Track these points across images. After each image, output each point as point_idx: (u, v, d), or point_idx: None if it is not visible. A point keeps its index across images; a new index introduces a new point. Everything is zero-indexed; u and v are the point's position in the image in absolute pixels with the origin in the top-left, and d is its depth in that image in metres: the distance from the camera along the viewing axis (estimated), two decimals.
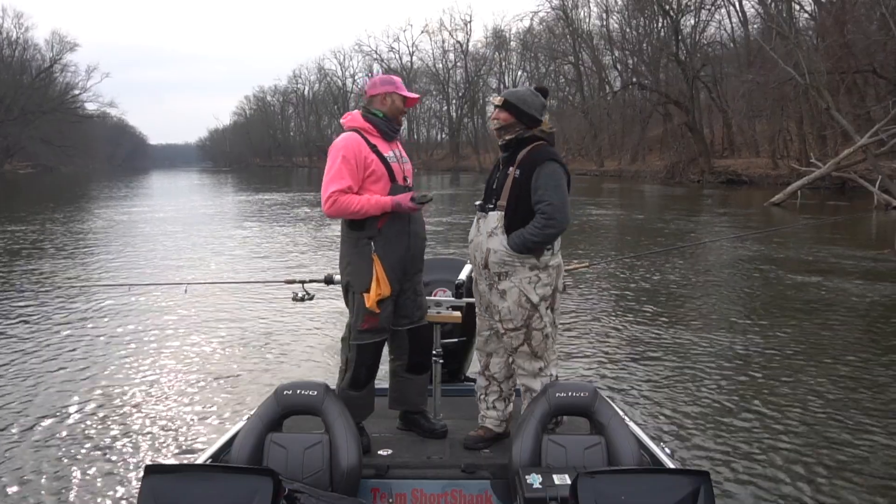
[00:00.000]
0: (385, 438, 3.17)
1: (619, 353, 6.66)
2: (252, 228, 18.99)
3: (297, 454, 2.68)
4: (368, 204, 2.97)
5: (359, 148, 3.01)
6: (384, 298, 3.00)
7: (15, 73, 75.94)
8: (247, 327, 7.66)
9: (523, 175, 2.96)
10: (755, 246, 13.88)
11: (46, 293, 9.28)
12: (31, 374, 6.02)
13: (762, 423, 4.85)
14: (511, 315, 2.98)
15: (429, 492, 2.85)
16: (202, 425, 4.94)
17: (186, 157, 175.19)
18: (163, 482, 2.18)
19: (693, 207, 24.99)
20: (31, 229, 17.82)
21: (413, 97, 3.15)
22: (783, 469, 4.16)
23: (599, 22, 57.55)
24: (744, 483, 3.99)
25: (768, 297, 9.31)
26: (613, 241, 16.34)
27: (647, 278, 10.67)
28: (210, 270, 11.64)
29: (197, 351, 6.83)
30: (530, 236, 2.92)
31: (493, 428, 3.17)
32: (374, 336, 3.05)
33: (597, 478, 2.21)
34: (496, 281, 3.00)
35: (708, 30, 47.46)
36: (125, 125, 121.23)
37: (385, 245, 3.02)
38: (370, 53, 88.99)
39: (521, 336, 2.99)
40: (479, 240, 3.05)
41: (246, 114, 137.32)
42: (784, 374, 5.93)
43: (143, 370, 6.19)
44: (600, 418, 2.74)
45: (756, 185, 35.18)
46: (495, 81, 75.39)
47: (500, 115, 3.04)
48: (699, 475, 2.21)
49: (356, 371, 3.06)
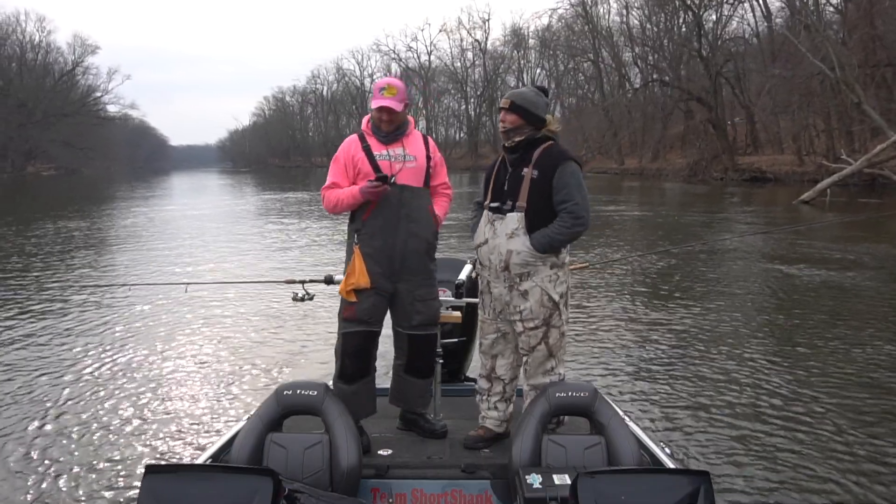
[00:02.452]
0: (385, 438, 3.17)
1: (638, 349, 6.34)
2: (289, 224, 19.38)
3: (297, 454, 2.68)
4: (343, 195, 3.11)
5: (349, 149, 3.17)
6: (361, 290, 3.04)
7: (38, 76, 76.95)
8: (246, 327, 7.56)
9: (542, 175, 2.97)
10: (787, 246, 13.43)
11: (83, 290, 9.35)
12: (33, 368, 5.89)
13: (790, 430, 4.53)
14: (533, 314, 3.00)
15: (429, 492, 2.85)
16: (201, 425, 4.85)
17: (206, 158, 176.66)
18: (163, 482, 2.18)
19: (716, 205, 24.47)
20: (70, 226, 17.92)
21: (376, 104, 3.10)
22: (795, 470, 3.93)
23: (619, 18, 57.18)
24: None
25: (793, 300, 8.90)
26: (634, 238, 15.92)
27: (667, 279, 10.28)
28: (263, 266, 11.89)
29: (197, 350, 6.75)
30: (557, 235, 2.94)
31: (494, 428, 3.17)
32: (355, 326, 3.07)
33: (597, 478, 2.20)
34: (517, 282, 3.00)
35: (730, 25, 46.79)
36: (146, 127, 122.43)
37: (367, 237, 3.09)
38: (388, 53, 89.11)
39: (539, 335, 3.02)
40: (495, 242, 3.03)
41: (265, 114, 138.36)
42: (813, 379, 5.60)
43: (142, 370, 6.09)
44: (600, 418, 2.74)
45: (781, 182, 34.54)
46: (513, 80, 75.06)
47: (508, 117, 3.04)
48: (699, 475, 2.20)
49: (342, 361, 3.11)
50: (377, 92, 3.11)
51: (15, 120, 68.31)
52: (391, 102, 3.06)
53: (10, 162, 71.11)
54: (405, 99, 3.14)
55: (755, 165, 38.72)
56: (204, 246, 14.88)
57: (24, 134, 70.50)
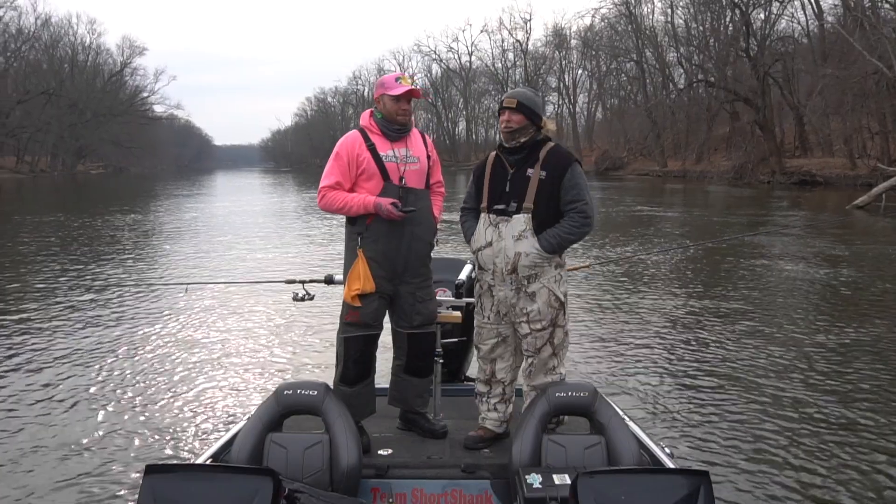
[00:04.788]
0: (385, 438, 3.17)
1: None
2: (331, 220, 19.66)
3: (298, 454, 2.67)
4: (353, 202, 3.01)
5: (353, 146, 3.05)
6: (366, 294, 3.00)
7: (88, 77, 79.12)
8: (248, 327, 7.55)
9: (550, 176, 2.96)
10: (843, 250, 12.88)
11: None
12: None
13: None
14: (541, 315, 3.00)
15: (429, 492, 2.84)
16: (200, 425, 4.82)
17: (249, 158, 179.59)
18: (163, 482, 2.17)
19: (766, 210, 23.72)
20: (132, 220, 18.34)
21: (402, 91, 3.01)
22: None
23: (664, 18, 56.21)
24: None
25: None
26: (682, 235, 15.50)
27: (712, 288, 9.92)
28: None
29: (196, 349, 6.70)
30: (568, 235, 2.95)
31: (493, 428, 3.16)
32: (359, 330, 3.05)
33: (596, 478, 2.20)
34: (525, 284, 2.99)
35: (779, 24, 45.50)
36: (191, 126, 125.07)
37: (372, 242, 3.03)
38: (429, 54, 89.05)
39: (545, 335, 3.01)
40: (501, 245, 2.99)
41: (307, 115, 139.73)
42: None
43: (141, 368, 6.09)
44: (600, 418, 2.73)
45: (832, 185, 33.43)
46: (555, 80, 74.45)
47: (514, 117, 3.00)
48: (699, 475, 2.19)
49: (344, 365, 3.08)
50: (393, 82, 3.04)
51: (67, 120, 70.34)
52: (414, 87, 3.03)
53: (62, 161, 73.27)
54: (421, 94, 3.10)
55: (804, 168, 37.52)
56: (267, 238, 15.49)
57: (75, 133, 72.53)
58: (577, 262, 7.21)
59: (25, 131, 64.78)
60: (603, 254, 12.92)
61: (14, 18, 66.48)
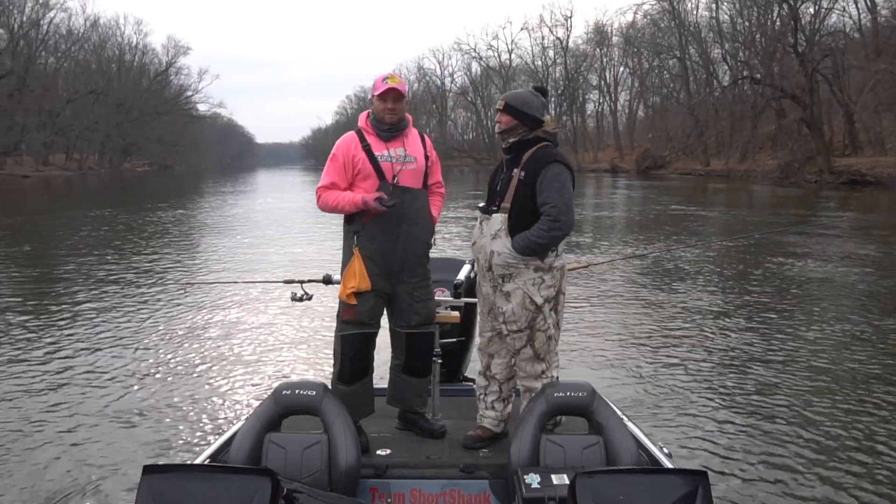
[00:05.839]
0: (384, 438, 3.17)
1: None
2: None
3: (296, 454, 2.67)
4: (344, 200, 3.07)
5: (348, 147, 3.11)
6: (362, 292, 3.03)
7: (135, 77, 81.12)
8: (248, 326, 7.52)
9: (528, 177, 2.98)
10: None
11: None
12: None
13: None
14: (515, 317, 2.99)
15: (427, 491, 2.85)
16: (199, 425, 4.79)
17: (290, 156, 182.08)
18: (161, 482, 2.17)
19: (813, 210, 23.00)
20: (183, 214, 18.73)
21: (383, 89, 3.05)
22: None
23: (708, 13, 55.12)
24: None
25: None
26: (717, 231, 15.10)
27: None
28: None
29: (196, 348, 6.67)
30: (536, 238, 2.93)
31: (492, 428, 3.17)
32: (356, 328, 3.07)
33: (595, 478, 2.20)
34: (500, 283, 3.02)
35: (829, 18, 44.14)
36: (234, 125, 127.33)
37: (368, 240, 3.07)
38: (469, 52, 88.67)
39: (524, 338, 3.01)
40: (482, 242, 3.07)
41: (347, 113, 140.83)
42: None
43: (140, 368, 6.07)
44: (599, 418, 2.72)
45: (883, 185, 32.24)
46: (595, 78, 73.70)
47: (502, 118, 3.05)
48: (697, 475, 2.19)
49: (341, 363, 3.11)
50: (379, 82, 3.10)
51: (114, 119, 72.24)
52: (397, 85, 3.06)
53: (109, 159, 75.25)
54: (405, 91, 3.13)
55: (854, 167, 36.24)
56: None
57: (122, 132, 74.43)
58: (600, 259, 7.01)
59: (74, 130, 66.73)
60: (619, 252, 12.91)
61: (64, 20, 68.68)
